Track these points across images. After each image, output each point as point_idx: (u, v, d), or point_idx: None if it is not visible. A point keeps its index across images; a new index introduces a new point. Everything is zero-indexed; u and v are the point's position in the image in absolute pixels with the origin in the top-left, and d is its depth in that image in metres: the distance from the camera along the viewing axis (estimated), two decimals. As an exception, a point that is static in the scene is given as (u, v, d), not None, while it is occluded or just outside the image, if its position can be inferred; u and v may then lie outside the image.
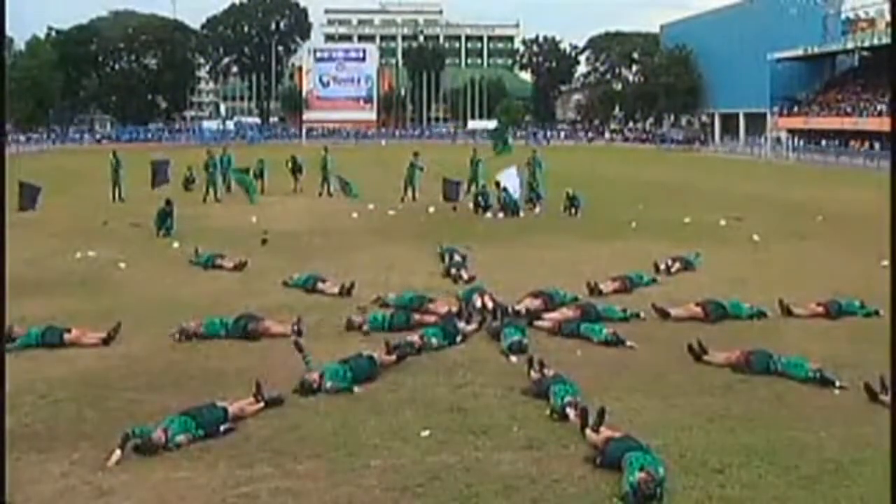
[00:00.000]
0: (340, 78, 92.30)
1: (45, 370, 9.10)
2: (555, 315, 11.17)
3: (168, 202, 19.68)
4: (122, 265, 15.28)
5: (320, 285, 13.06)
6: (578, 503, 6.22)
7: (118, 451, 6.77)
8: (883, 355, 7.11)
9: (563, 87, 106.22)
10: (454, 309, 11.38)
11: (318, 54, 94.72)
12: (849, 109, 58.59)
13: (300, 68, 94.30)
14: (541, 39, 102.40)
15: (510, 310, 11.35)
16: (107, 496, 6.27)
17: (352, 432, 7.42)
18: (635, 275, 13.66)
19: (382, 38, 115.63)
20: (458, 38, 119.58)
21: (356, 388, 8.47)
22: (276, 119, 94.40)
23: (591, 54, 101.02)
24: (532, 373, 8.67)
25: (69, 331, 10.14)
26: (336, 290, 12.82)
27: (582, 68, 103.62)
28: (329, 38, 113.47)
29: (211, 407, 7.51)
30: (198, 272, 14.78)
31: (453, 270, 14.14)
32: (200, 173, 27.62)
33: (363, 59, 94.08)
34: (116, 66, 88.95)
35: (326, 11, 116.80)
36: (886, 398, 7.96)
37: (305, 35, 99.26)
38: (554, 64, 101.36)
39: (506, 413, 7.90)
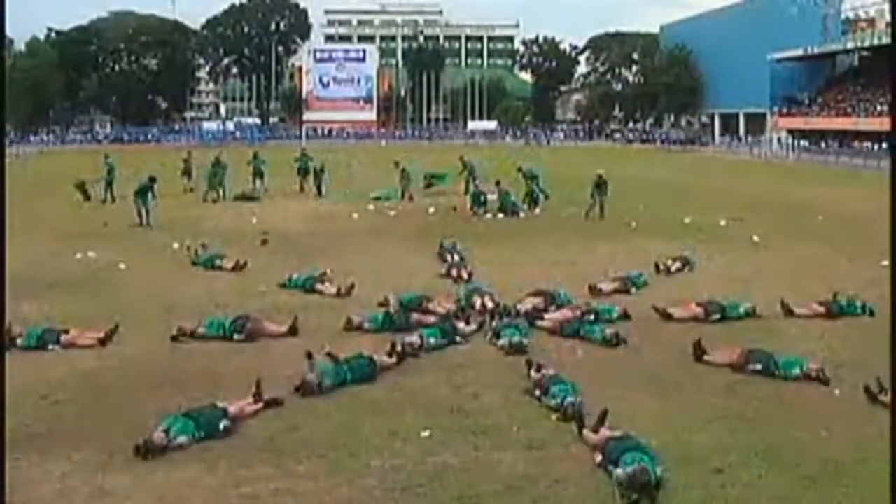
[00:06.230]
0: (340, 78, 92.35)
1: (45, 371, 9.10)
2: (555, 315, 11.17)
3: (151, 178, 20.17)
4: (122, 266, 15.27)
5: (319, 286, 13.05)
6: None
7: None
8: (883, 355, 7.10)
9: (563, 88, 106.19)
10: (454, 308, 11.37)
11: (318, 55, 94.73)
12: (849, 109, 58.58)
13: (300, 69, 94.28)
14: (541, 40, 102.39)
15: (512, 309, 11.34)
16: (107, 497, 6.27)
17: (352, 432, 7.42)
18: (636, 274, 13.67)
19: (382, 38, 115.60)
20: (458, 38, 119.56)
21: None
22: (276, 120, 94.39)
23: (591, 54, 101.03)
24: (532, 373, 8.67)
25: (66, 332, 10.15)
26: (334, 290, 12.82)
27: (582, 69, 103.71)
28: (329, 38, 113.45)
29: (211, 408, 7.52)
30: (197, 272, 14.78)
31: (454, 272, 14.13)
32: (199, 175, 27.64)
33: (363, 59, 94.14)
34: (116, 67, 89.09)
35: (326, 12, 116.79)
36: (886, 398, 7.96)
37: (305, 36, 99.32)
38: (554, 64, 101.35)
39: (506, 413, 7.90)
